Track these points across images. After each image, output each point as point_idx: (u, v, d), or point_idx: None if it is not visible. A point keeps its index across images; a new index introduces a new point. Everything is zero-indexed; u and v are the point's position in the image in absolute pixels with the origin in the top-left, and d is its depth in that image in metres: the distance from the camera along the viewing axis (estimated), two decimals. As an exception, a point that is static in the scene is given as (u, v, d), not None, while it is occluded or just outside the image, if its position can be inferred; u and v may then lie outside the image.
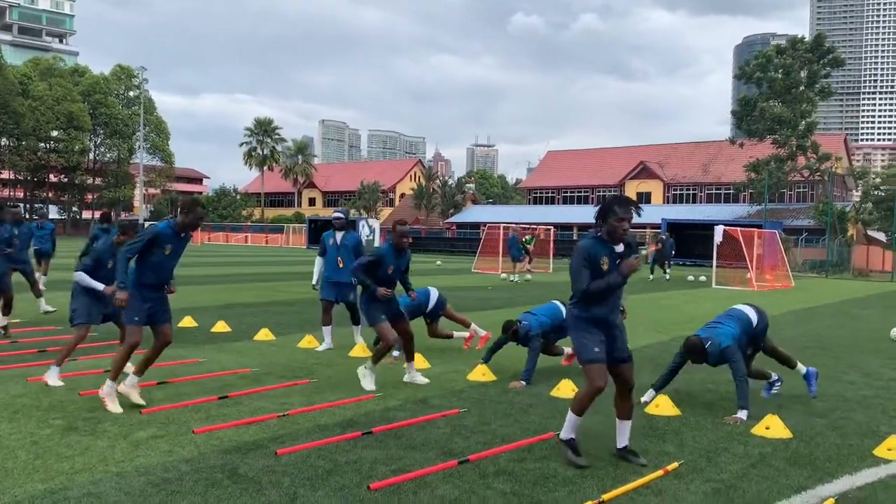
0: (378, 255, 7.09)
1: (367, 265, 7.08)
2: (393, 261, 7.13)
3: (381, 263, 7.07)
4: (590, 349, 4.80)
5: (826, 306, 17.68)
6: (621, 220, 4.75)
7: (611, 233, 4.82)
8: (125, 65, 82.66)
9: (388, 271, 7.09)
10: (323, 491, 4.23)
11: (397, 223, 7.30)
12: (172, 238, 6.12)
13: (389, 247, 7.16)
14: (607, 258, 4.80)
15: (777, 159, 52.66)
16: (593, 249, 4.81)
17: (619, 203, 4.83)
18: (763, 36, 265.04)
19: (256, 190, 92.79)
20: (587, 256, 4.81)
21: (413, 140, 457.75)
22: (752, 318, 6.87)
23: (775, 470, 4.86)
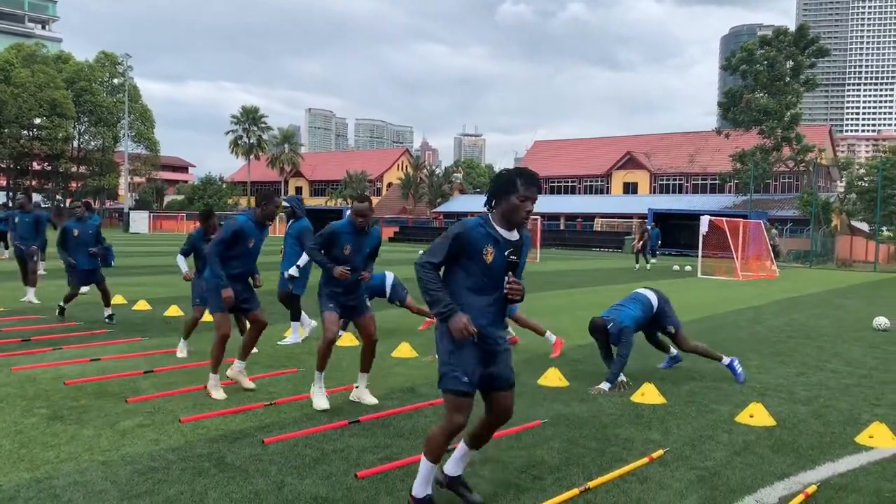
0: (332, 231, 6.08)
1: (320, 241, 6.10)
2: (350, 240, 6.07)
3: (334, 240, 6.05)
4: (456, 374, 3.68)
5: (810, 296, 17.84)
6: (525, 199, 3.68)
7: (508, 214, 3.70)
8: (109, 52, 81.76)
9: (345, 251, 6.04)
10: (310, 479, 4.24)
11: (357, 199, 6.32)
12: (254, 230, 6.41)
13: (348, 224, 6.10)
14: (492, 247, 3.67)
15: (762, 150, 52.94)
16: (476, 232, 3.67)
17: (524, 177, 3.72)
18: (749, 27, 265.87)
19: (243, 179, 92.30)
20: (465, 239, 3.66)
21: (400, 129, 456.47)
22: (652, 301, 7.42)
23: (759, 457, 4.92)
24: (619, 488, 4.25)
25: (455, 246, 3.65)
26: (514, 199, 3.67)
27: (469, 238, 3.66)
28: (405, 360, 7.91)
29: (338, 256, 6.03)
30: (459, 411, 3.67)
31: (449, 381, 3.69)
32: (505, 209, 3.70)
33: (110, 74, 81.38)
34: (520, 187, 3.67)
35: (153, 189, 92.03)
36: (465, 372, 3.67)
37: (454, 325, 3.56)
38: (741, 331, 11.09)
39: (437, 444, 3.75)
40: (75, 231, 9.98)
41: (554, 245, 48.93)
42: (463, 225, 3.72)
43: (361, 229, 6.09)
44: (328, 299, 6.03)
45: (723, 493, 4.25)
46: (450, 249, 3.66)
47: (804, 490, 4.27)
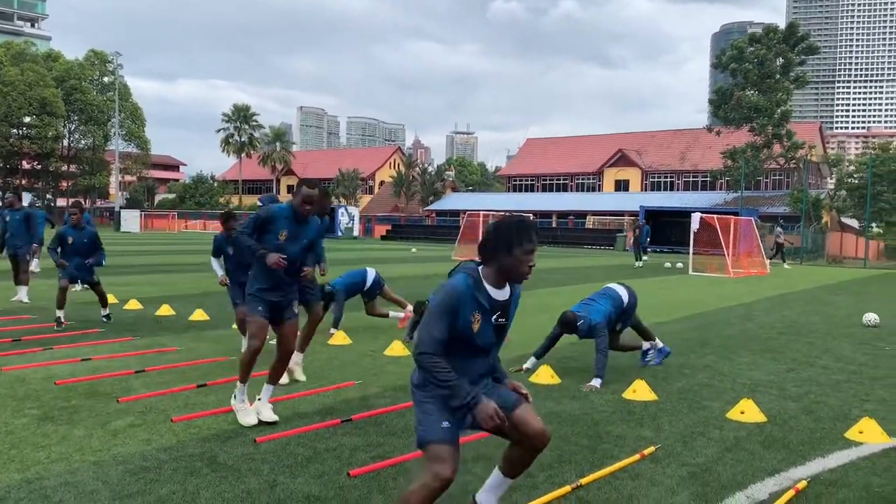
0: (269, 213, 5.39)
1: (252, 223, 5.39)
2: (288, 226, 5.38)
3: (269, 224, 5.35)
4: (433, 421, 3.28)
5: (800, 292, 17.92)
6: (529, 252, 3.29)
7: (509, 270, 3.30)
8: (99, 50, 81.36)
9: (280, 237, 5.34)
10: (302, 478, 4.24)
11: (306, 184, 5.43)
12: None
13: (289, 209, 5.41)
14: (479, 314, 3.27)
15: (753, 147, 53.14)
16: (464, 297, 3.24)
17: (525, 228, 3.30)
18: (740, 24, 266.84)
19: (234, 177, 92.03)
20: (456, 306, 3.23)
21: (392, 127, 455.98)
22: (623, 297, 7.50)
23: (750, 453, 4.94)
24: (610, 485, 4.27)
25: (451, 317, 3.23)
26: (518, 252, 3.26)
27: (459, 305, 3.24)
28: (397, 359, 7.92)
29: (271, 243, 5.34)
30: (441, 462, 3.22)
31: (428, 432, 3.28)
32: (506, 265, 3.29)
33: (100, 73, 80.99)
34: (523, 240, 3.27)
35: (144, 188, 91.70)
36: (445, 419, 3.31)
37: (482, 414, 3.19)
38: (732, 327, 11.14)
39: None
40: (70, 238, 9.73)
41: (546, 243, 48.99)
42: (453, 290, 3.26)
43: (305, 218, 5.45)
44: (256, 301, 5.38)
45: (714, 489, 4.27)
46: (448, 321, 3.23)
47: (794, 486, 4.29)
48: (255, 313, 5.36)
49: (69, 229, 9.82)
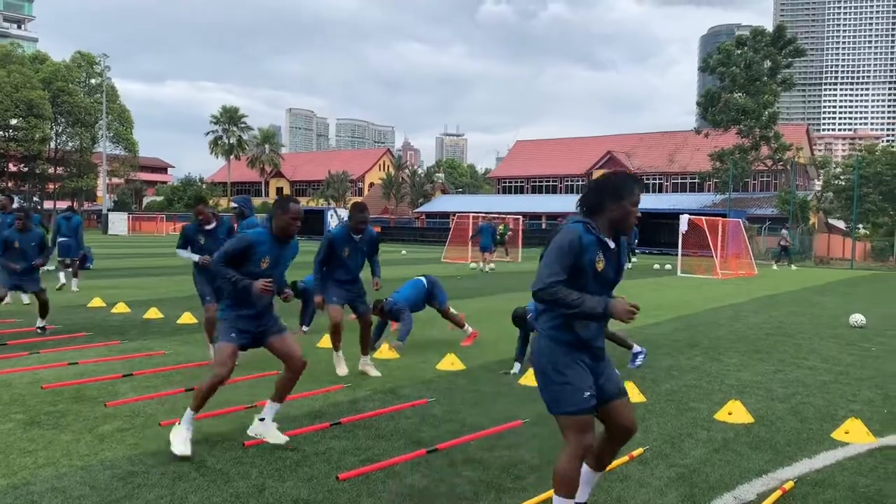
0: (248, 242, 4.97)
1: (227, 254, 4.95)
2: (270, 251, 5.02)
3: (250, 253, 4.96)
4: (575, 394, 3.37)
5: (788, 293, 18.03)
6: (636, 203, 3.47)
7: (621, 220, 3.44)
8: (85, 51, 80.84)
9: (262, 264, 4.98)
10: (291, 482, 4.23)
11: (286, 199, 5.10)
12: (348, 238, 7.04)
13: (265, 233, 5.05)
14: (602, 255, 3.40)
15: (741, 149, 53.43)
16: (587, 239, 3.35)
17: (637, 180, 3.53)
18: (728, 27, 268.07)
19: (223, 179, 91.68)
20: (575, 248, 3.32)
21: (382, 129, 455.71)
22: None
23: (737, 454, 4.97)
24: (599, 487, 4.27)
25: (569, 256, 3.32)
26: (628, 204, 3.42)
27: (581, 245, 3.34)
28: (386, 362, 7.91)
29: (253, 272, 4.95)
30: (585, 431, 3.37)
31: (569, 402, 3.37)
32: (616, 215, 3.42)
33: (87, 75, 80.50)
34: (634, 191, 3.44)
35: (132, 190, 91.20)
36: (588, 388, 3.38)
37: (619, 309, 3.29)
38: (720, 329, 11.19)
39: (571, 477, 3.39)
40: (15, 242, 9.22)
41: (536, 244, 49.08)
42: (574, 232, 3.36)
43: (289, 237, 5.09)
44: (230, 327, 4.95)
45: (702, 490, 4.29)
46: (566, 262, 3.32)
47: (781, 486, 4.32)
48: (228, 340, 4.91)
49: (14, 233, 9.27)
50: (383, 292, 8.47)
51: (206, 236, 7.83)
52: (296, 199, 5.20)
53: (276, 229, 5.02)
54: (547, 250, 3.40)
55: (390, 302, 8.74)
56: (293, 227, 5.02)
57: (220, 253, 5.00)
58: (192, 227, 7.93)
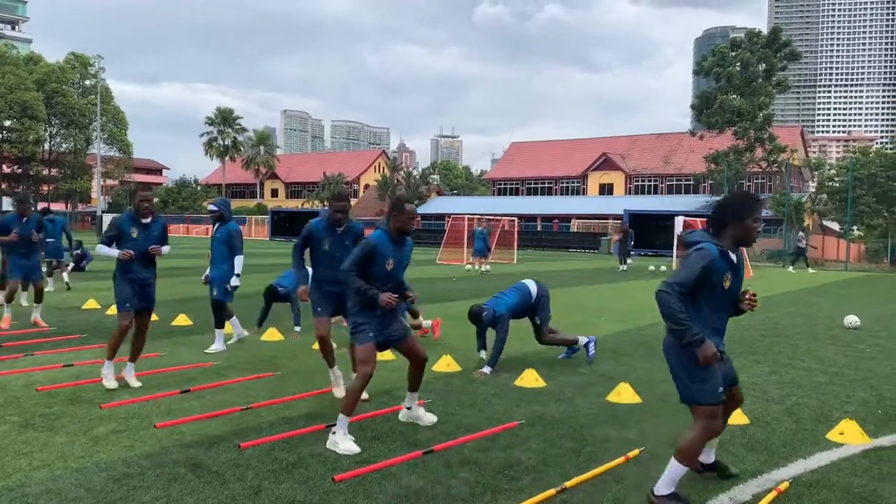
0: (372, 246, 5.17)
1: (357, 259, 5.14)
2: (391, 251, 5.28)
3: (375, 255, 5.19)
4: (712, 390, 3.99)
5: (783, 295, 18.07)
6: (758, 220, 4.06)
7: (744, 236, 4.02)
8: (79, 53, 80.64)
9: (387, 266, 5.24)
10: (287, 483, 4.22)
11: (402, 200, 5.35)
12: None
13: (383, 234, 5.27)
14: (731, 274, 4.00)
15: (736, 151, 53.53)
16: (719, 261, 3.93)
17: (755, 199, 4.07)
18: (722, 29, 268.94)
19: (218, 181, 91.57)
20: (709, 270, 3.91)
21: (377, 130, 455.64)
22: (532, 291, 8.00)
23: (733, 455, 4.98)
24: (595, 488, 4.29)
25: (703, 276, 3.89)
26: (749, 222, 3.99)
27: (715, 268, 3.91)
28: (382, 363, 7.89)
29: (377, 274, 5.17)
30: (716, 418, 4.04)
31: (707, 396, 3.98)
32: (738, 233, 4.00)
33: (81, 76, 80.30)
34: (754, 211, 4.00)
35: (126, 192, 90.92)
36: (721, 383, 4.02)
37: (705, 353, 3.85)
38: (715, 330, 11.20)
39: (696, 451, 4.05)
40: (15, 230, 9.70)
41: (530, 246, 49.13)
42: (709, 254, 3.90)
43: (404, 235, 5.32)
44: (369, 328, 5.15)
45: (698, 491, 4.30)
46: (698, 279, 3.89)
47: (776, 487, 4.33)
48: (368, 340, 5.14)
49: (14, 220, 9.76)
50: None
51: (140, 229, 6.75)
52: (409, 200, 5.48)
53: (393, 231, 5.24)
54: (684, 264, 3.96)
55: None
56: (409, 226, 5.31)
57: (350, 261, 5.17)
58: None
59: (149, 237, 6.68)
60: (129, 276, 6.58)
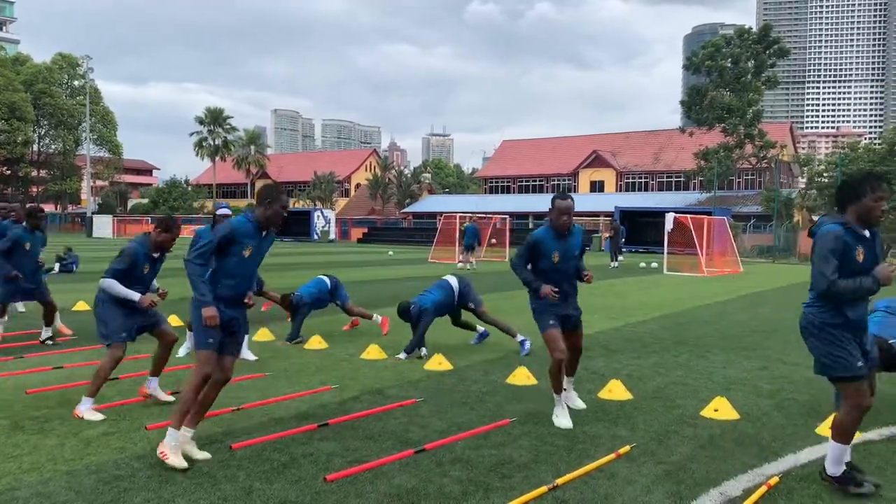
0: (535, 240, 5.71)
1: (525, 253, 5.74)
2: (557, 245, 5.68)
3: (540, 249, 5.68)
4: (853, 364, 4.12)
5: (773, 290, 18.16)
6: (880, 198, 4.11)
7: (865, 215, 4.12)
8: (66, 53, 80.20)
9: (554, 259, 5.65)
10: (279, 484, 4.22)
11: (559, 197, 5.64)
12: (253, 235, 4.75)
13: (547, 230, 5.70)
14: (862, 248, 4.11)
15: (725, 147, 53.76)
16: (846, 236, 4.08)
17: (874, 178, 4.19)
18: (711, 26, 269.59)
19: (208, 181, 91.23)
20: (838, 245, 4.06)
21: (368, 129, 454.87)
22: (454, 286, 8.62)
23: (723, 451, 5.00)
24: (586, 485, 4.30)
25: (837, 254, 4.05)
26: (868, 201, 4.11)
27: (844, 244, 4.06)
28: (373, 362, 7.90)
29: (545, 269, 5.65)
30: (864, 394, 4.17)
31: (852, 369, 4.11)
32: (859, 210, 4.12)
33: (69, 76, 79.88)
34: (874, 189, 4.10)
35: (116, 193, 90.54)
36: (860, 359, 4.16)
37: (883, 274, 4.06)
38: (707, 326, 11.26)
39: (851, 430, 4.20)
40: (27, 244, 8.73)
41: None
42: (833, 233, 4.07)
43: (565, 230, 5.60)
44: (548, 316, 5.67)
45: (688, 486, 4.32)
46: (835, 259, 4.05)
47: (767, 481, 4.35)
48: (551, 327, 5.69)
49: (25, 233, 8.81)
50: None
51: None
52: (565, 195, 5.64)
53: (554, 225, 5.63)
54: (815, 254, 4.11)
55: (297, 296, 9.30)
56: (562, 222, 5.60)
57: (518, 254, 5.70)
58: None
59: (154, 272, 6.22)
60: None
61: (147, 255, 6.03)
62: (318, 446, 4.91)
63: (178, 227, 6.07)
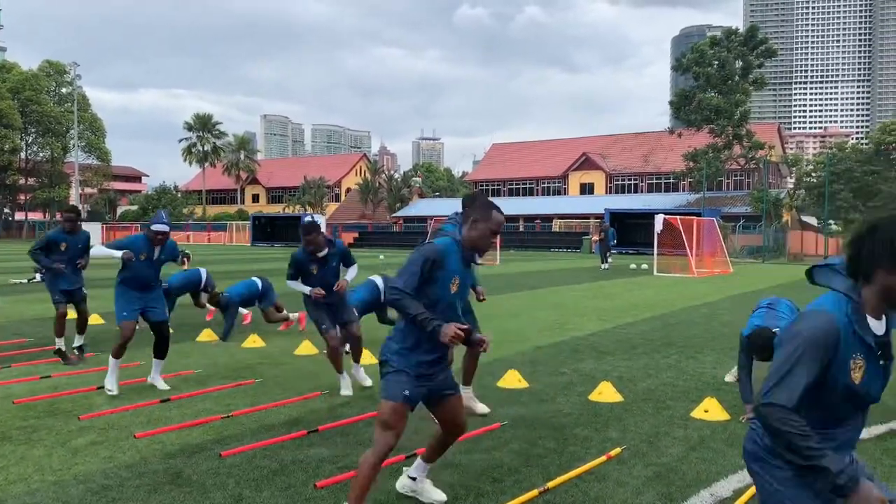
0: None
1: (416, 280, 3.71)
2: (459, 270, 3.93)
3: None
4: None
5: (763, 291, 18.23)
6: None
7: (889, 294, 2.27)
8: (54, 60, 79.82)
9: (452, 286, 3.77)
10: (268, 491, 4.20)
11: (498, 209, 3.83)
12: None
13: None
14: (863, 358, 2.31)
15: (714, 148, 54.01)
16: (846, 333, 2.28)
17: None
18: (699, 28, 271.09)
19: (198, 187, 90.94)
20: (827, 345, 2.26)
21: (358, 134, 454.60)
22: (379, 285, 8.95)
23: (714, 452, 5.01)
24: (577, 488, 4.29)
25: (820, 364, 2.27)
26: None
27: (837, 345, 2.28)
28: (364, 368, 7.86)
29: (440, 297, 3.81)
30: None
31: None
32: (887, 291, 2.28)
33: (57, 83, 79.49)
34: None
35: (105, 200, 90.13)
36: None
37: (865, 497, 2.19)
38: (696, 327, 11.29)
39: None
40: (63, 244, 8.46)
41: (513, 247, 49.20)
42: (829, 324, 2.27)
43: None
44: (404, 380, 3.62)
45: (679, 487, 4.32)
46: (816, 369, 2.26)
47: (757, 482, 4.36)
48: (398, 398, 3.67)
49: (61, 234, 8.50)
50: None
51: (319, 265, 6.72)
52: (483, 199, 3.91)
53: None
54: (786, 346, 2.30)
55: (225, 297, 10.06)
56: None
57: (401, 279, 3.60)
58: (302, 253, 6.74)
59: (329, 270, 6.92)
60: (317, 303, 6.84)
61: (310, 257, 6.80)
62: (308, 453, 4.89)
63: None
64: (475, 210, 3.76)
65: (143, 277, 6.87)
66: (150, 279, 6.95)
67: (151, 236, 6.86)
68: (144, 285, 6.89)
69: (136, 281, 6.87)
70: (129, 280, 6.89)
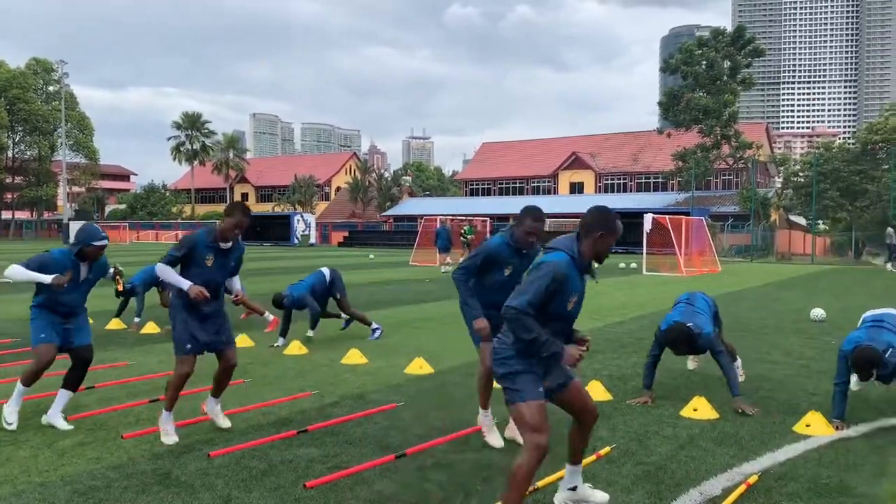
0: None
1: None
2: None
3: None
4: None
5: (751, 289, 18.32)
6: None
7: None
8: (41, 58, 79.30)
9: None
10: (257, 492, 4.18)
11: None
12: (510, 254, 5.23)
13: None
14: None
15: (703, 148, 54.21)
16: None
17: None
18: (688, 27, 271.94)
19: (187, 186, 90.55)
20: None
21: (348, 133, 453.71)
22: (326, 275, 9.57)
23: (703, 450, 5.03)
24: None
25: None
26: None
27: None
28: (354, 367, 7.86)
29: None
30: None
31: None
32: None
33: (44, 82, 78.98)
34: None
35: (94, 199, 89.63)
36: None
37: None
38: (685, 326, 11.30)
39: None
40: None
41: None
42: None
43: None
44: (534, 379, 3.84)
45: (668, 486, 4.33)
46: None
47: (746, 480, 4.38)
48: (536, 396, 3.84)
49: None
50: None
51: (217, 257, 5.35)
52: None
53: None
54: None
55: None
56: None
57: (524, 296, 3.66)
58: (205, 236, 5.35)
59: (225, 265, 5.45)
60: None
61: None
62: (297, 453, 4.88)
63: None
64: (602, 225, 3.84)
65: (69, 303, 5.51)
66: (76, 305, 5.60)
67: (91, 252, 5.47)
68: (69, 313, 5.56)
69: (61, 307, 5.51)
70: (49, 305, 5.51)
